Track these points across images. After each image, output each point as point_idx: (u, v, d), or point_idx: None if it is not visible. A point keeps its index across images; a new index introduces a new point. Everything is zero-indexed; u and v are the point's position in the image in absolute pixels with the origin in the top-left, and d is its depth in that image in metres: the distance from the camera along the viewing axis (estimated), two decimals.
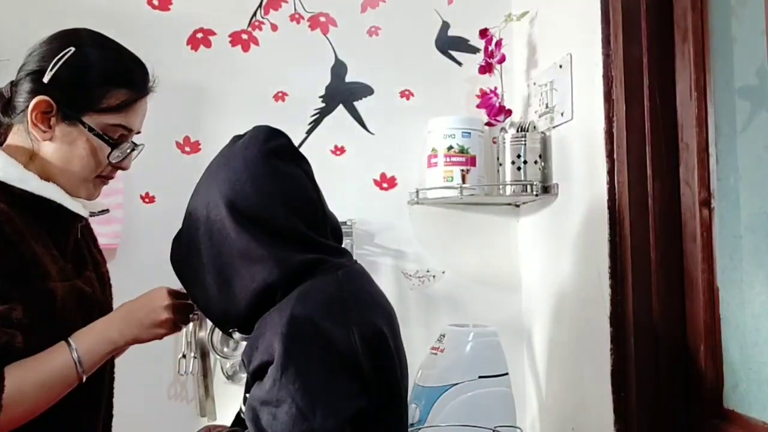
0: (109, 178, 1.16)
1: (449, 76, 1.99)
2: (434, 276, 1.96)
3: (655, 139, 1.41)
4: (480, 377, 1.59)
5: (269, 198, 1.02)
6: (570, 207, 1.66)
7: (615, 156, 1.44)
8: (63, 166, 1.08)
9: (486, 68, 1.88)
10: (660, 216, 1.40)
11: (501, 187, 1.81)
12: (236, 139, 1.10)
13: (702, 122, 1.35)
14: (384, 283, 1.80)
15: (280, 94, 1.94)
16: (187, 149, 1.90)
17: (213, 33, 1.92)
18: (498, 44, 1.84)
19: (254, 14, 1.94)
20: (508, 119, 1.85)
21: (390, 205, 1.95)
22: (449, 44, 2.00)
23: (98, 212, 1.20)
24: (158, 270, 1.36)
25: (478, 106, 1.91)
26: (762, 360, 1.22)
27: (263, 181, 1.03)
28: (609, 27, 1.47)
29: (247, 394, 1.01)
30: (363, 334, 0.97)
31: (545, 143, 1.77)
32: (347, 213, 1.86)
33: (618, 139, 1.44)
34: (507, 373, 1.63)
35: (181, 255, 1.09)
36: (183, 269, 1.09)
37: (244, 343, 1.14)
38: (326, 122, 1.95)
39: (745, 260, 1.28)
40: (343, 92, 1.97)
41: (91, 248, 1.24)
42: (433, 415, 1.56)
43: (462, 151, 1.84)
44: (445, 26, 2.00)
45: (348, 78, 1.97)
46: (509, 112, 1.86)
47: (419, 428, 1.54)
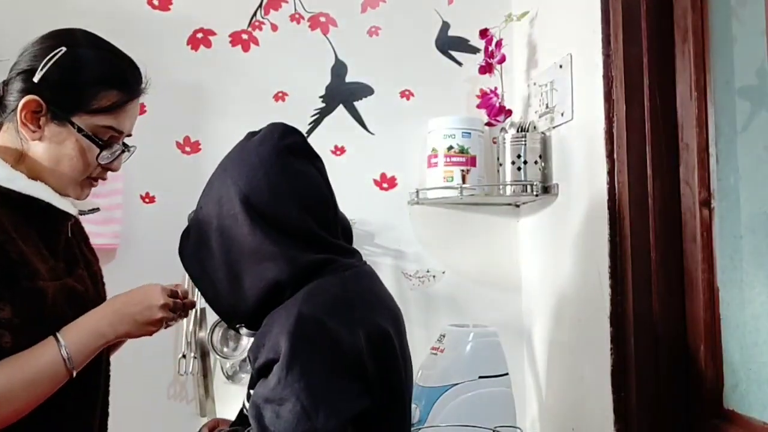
0: (99, 180, 1.15)
1: (449, 76, 1.99)
2: (434, 276, 1.96)
3: (655, 139, 1.41)
4: (480, 377, 1.59)
5: (283, 195, 1.02)
6: (570, 207, 1.66)
7: (615, 156, 1.44)
8: (52, 167, 1.08)
9: (486, 68, 1.88)
10: (660, 216, 1.40)
11: (501, 187, 1.81)
12: (251, 136, 1.10)
13: (702, 122, 1.35)
14: (384, 284, 1.79)
15: (280, 94, 1.94)
16: (187, 149, 1.90)
17: (213, 33, 1.92)
18: (498, 44, 1.84)
19: (254, 14, 1.94)
20: (509, 119, 1.85)
21: (390, 205, 1.95)
22: (449, 44, 2.00)
23: (88, 211, 1.20)
24: (158, 270, 1.36)
25: (478, 107, 1.91)
26: (762, 360, 1.22)
27: (277, 179, 1.03)
28: (609, 27, 1.47)
29: (251, 391, 1.01)
30: (368, 335, 0.97)
31: (545, 143, 1.77)
32: (347, 213, 1.82)
33: (618, 139, 1.44)
34: (507, 373, 1.63)
35: (190, 249, 1.08)
36: (192, 263, 1.08)
37: (245, 342, 1.14)
38: (326, 122, 1.95)
39: (745, 260, 1.28)
40: (343, 92, 1.97)
41: (82, 247, 1.23)
42: (433, 415, 1.56)
43: (462, 151, 1.84)
44: (445, 26, 2.00)
45: (348, 78, 1.97)
46: (509, 112, 1.86)
47: (419, 428, 1.54)
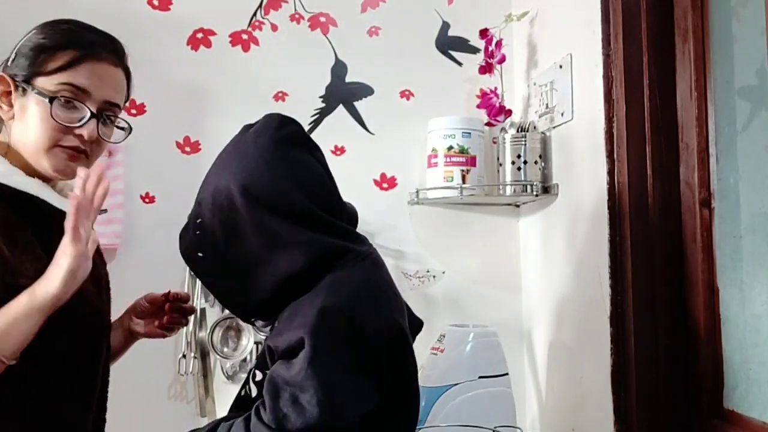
0: (78, 151, 1.08)
1: (449, 76, 1.99)
2: (434, 276, 1.96)
3: (655, 139, 1.41)
4: (480, 377, 1.59)
5: (284, 183, 1.01)
6: (570, 207, 1.66)
7: (615, 156, 1.44)
8: (23, 140, 1.07)
9: (486, 68, 1.88)
10: (660, 216, 1.40)
11: (501, 188, 1.81)
12: (247, 128, 1.09)
13: (702, 122, 1.35)
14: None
15: (280, 94, 1.94)
16: (187, 149, 1.90)
17: (213, 33, 1.92)
18: (498, 44, 1.84)
19: (254, 14, 1.94)
20: (509, 119, 1.85)
21: (390, 205, 1.95)
22: (449, 44, 2.00)
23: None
24: (159, 270, 1.36)
25: (479, 107, 1.91)
26: (762, 360, 1.22)
27: (277, 167, 1.01)
28: (609, 27, 1.47)
29: (257, 370, 1.02)
30: (389, 330, 0.97)
31: (545, 143, 1.77)
32: None
33: (618, 139, 1.44)
34: (507, 373, 1.63)
35: (193, 247, 1.05)
36: (197, 261, 1.05)
37: (245, 342, 1.13)
38: (326, 122, 1.95)
39: (745, 260, 1.28)
40: (343, 92, 1.96)
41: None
42: (433, 415, 1.56)
43: (462, 152, 1.84)
44: (445, 26, 2.00)
45: (348, 78, 1.97)
46: (509, 113, 1.86)
47: (419, 428, 1.54)
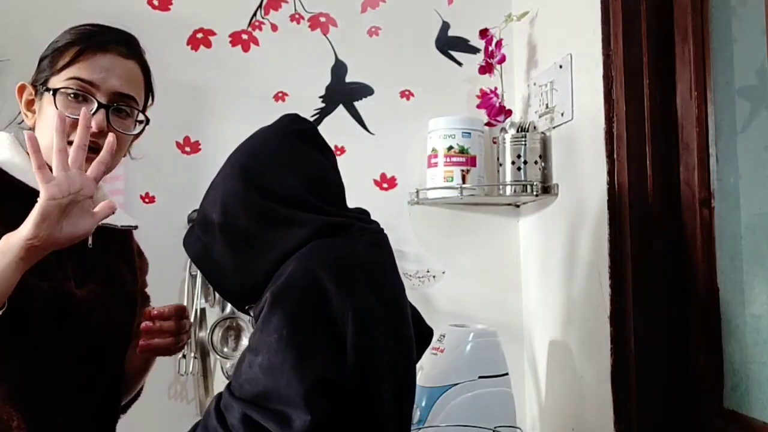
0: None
1: (449, 76, 1.99)
2: (434, 276, 1.96)
3: (655, 139, 1.41)
4: (480, 377, 1.59)
5: (286, 169, 1.01)
6: (570, 207, 1.66)
7: (615, 156, 1.44)
8: (43, 143, 1.04)
9: (486, 68, 1.88)
10: (660, 216, 1.40)
11: (501, 188, 1.81)
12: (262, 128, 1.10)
13: (702, 122, 1.35)
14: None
15: (280, 94, 1.94)
16: (187, 149, 1.89)
17: (213, 33, 1.92)
18: (498, 44, 1.84)
19: (254, 14, 1.94)
20: (509, 119, 1.85)
21: (390, 205, 1.95)
22: (449, 44, 2.00)
23: (121, 226, 1.17)
24: (159, 270, 1.36)
25: (479, 107, 1.91)
26: (762, 360, 1.22)
27: (282, 158, 1.02)
28: (609, 27, 1.47)
29: None
30: (358, 308, 0.92)
31: (545, 143, 1.77)
32: None
33: (618, 140, 1.44)
34: (507, 373, 1.63)
35: (194, 235, 1.05)
36: (194, 248, 1.04)
37: (245, 342, 1.12)
38: (326, 122, 1.95)
39: (745, 260, 1.28)
40: (343, 92, 1.96)
41: (119, 263, 1.18)
42: (433, 415, 1.56)
43: (462, 152, 1.84)
44: (445, 26, 2.00)
45: (348, 78, 1.97)
46: (509, 113, 1.86)
47: (419, 428, 1.54)
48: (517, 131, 1.78)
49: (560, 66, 1.68)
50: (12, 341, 0.99)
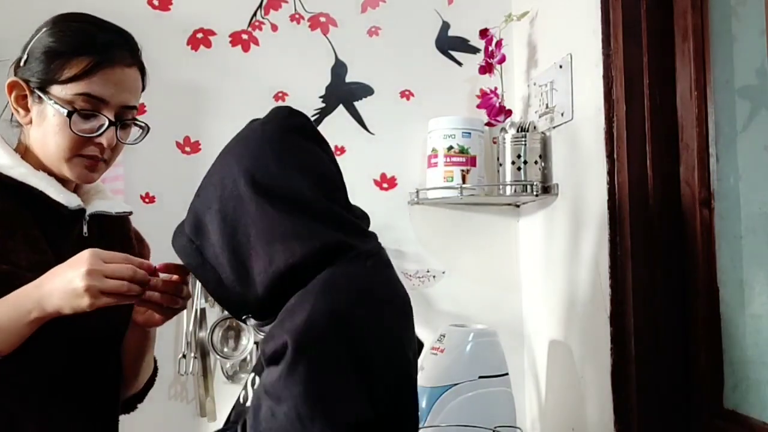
0: (96, 158, 1.08)
1: (449, 76, 1.99)
2: (434, 276, 1.96)
3: (655, 139, 1.41)
4: (480, 377, 1.59)
5: (292, 170, 0.96)
6: (570, 207, 1.66)
7: (615, 156, 1.44)
8: (42, 148, 1.07)
9: (486, 68, 1.88)
10: (660, 216, 1.40)
11: (501, 188, 1.81)
12: (254, 122, 1.06)
13: (702, 122, 1.35)
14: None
15: (280, 94, 1.94)
16: (187, 149, 1.90)
17: (213, 33, 1.92)
18: (498, 44, 1.84)
19: (254, 14, 1.94)
20: (509, 119, 1.85)
21: (390, 205, 1.95)
22: (449, 44, 2.00)
23: (115, 213, 1.17)
24: None
25: (479, 107, 1.91)
26: (762, 360, 1.22)
27: (285, 155, 0.97)
28: (609, 27, 1.47)
29: (255, 375, 0.96)
30: (388, 338, 0.91)
31: (545, 143, 1.77)
32: None
33: (618, 140, 1.44)
34: (507, 374, 1.63)
35: (185, 238, 0.99)
36: (188, 252, 0.98)
37: (245, 342, 1.11)
38: (326, 122, 1.95)
39: (745, 260, 1.28)
40: (343, 92, 1.96)
41: (115, 251, 1.15)
42: (433, 415, 1.56)
43: (462, 152, 1.84)
44: (445, 26, 2.00)
45: (348, 78, 1.97)
46: (509, 113, 1.86)
47: (419, 428, 1.54)
48: (517, 131, 1.78)
49: (560, 66, 1.68)
50: None
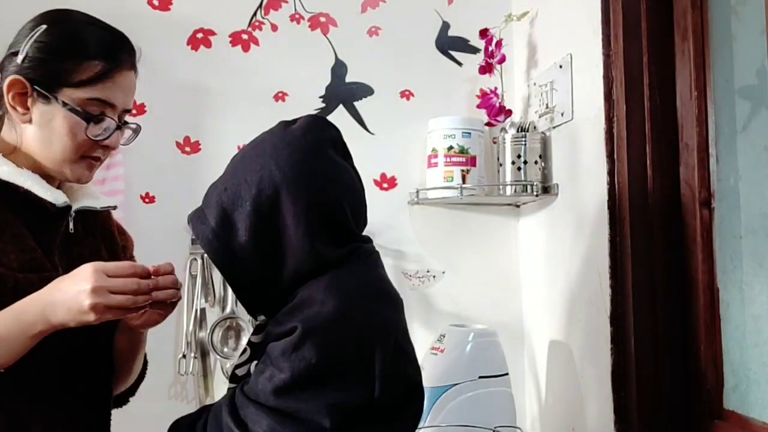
0: (97, 159, 1.10)
1: (449, 76, 1.99)
2: (434, 276, 1.96)
3: (655, 139, 1.41)
4: (480, 377, 1.59)
5: (334, 186, 1.02)
6: (570, 207, 1.66)
7: (615, 156, 1.44)
8: (44, 149, 1.06)
9: (486, 68, 1.88)
10: (660, 216, 1.40)
11: (501, 188, 1.81)
12: (286, 124, 1.07)
13: (702, 122, 1.35)
14: None
15: (280, 94, 1.94)
16: (187, 149, 1.89)
17: (213, 33, 1.92)
18: (498, 44, 1.84)
19: (254, 14, 1.94)
20: (509, 119, 1.85)
21: (390, 205, 1.95)
22: (449, 44, 2.00)
23: (101, 208, 1.17)
24: None
25: (479, 107, 1.91)
26: (762, 360, 1.22)
27: (329, 169, 1.02)
28: (609, 27, 1.47)
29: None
30: (388, 331, 0.99)
31: (545, 143, 1.76)
32: None
33: (618, 140, 1.44)
34: (507, 374, 1.63)
35: (213, 232, 1.00)
36: (215, 246, 1.00)
37: (245, 342, 1.12)
38: None
39: (745, 261, 1.28)
40: (343, 92, 1.96)
41: (101, 249, 1.18)
42: (433, 416, 1.56)
43: (462, 152, 1.84)
44: (445, 26, 2.00)
45: (348, 78, 1.97)
46: (509, 113, 1.86)
47: (419, 428, 1.54)
48: (517, 131, 1.78)
49: (560, 66, 1.68)
50: None
